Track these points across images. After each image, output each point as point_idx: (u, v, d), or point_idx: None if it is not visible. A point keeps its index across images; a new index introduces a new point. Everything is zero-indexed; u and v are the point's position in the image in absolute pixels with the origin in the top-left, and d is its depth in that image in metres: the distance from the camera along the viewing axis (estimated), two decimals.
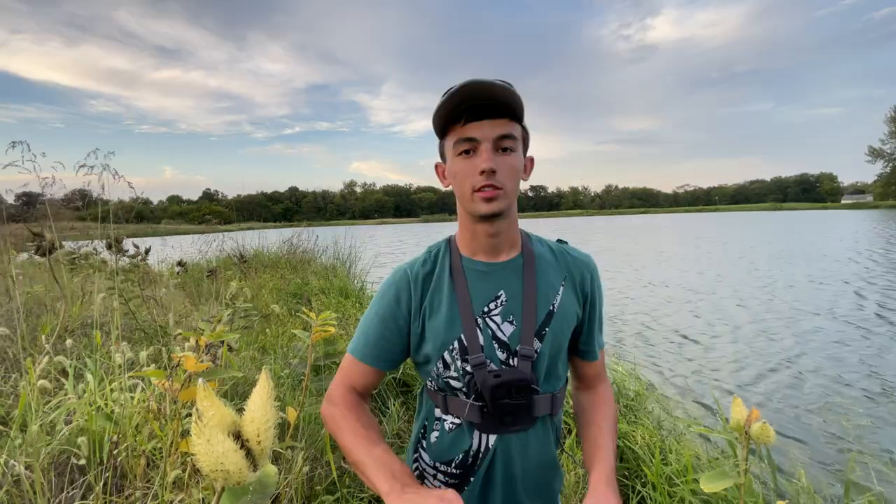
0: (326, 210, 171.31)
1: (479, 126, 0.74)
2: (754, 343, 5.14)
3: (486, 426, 0.79)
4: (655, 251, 15.44)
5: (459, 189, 0.78)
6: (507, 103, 0.73)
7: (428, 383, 0.86)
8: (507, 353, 0.79)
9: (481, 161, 0.73)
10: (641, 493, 1.99)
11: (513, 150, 0.76)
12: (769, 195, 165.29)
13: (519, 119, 0.77)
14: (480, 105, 0.73)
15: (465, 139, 0.75)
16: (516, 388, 0.75)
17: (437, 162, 0.86)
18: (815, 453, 2.88)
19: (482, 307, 0.80)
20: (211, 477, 0.34)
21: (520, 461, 0.81)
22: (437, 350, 0.80)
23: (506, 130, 0.74)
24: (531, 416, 0.79)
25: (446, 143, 0.80)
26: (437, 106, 0.75)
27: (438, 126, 0.79)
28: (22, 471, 1.17)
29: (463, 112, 0.74)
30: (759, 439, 0.72)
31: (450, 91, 0.73)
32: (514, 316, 0.80)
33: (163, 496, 1.14)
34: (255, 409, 0.38)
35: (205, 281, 4.94)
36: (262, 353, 3.09)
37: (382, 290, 0.87)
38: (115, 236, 2.70)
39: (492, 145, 0.74)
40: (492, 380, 0.75)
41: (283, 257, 7.99)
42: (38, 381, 1.40)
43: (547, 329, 0.80)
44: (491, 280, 0.82)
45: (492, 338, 0.79)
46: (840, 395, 3.69)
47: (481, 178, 0.74)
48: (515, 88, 0.77)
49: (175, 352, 1.21)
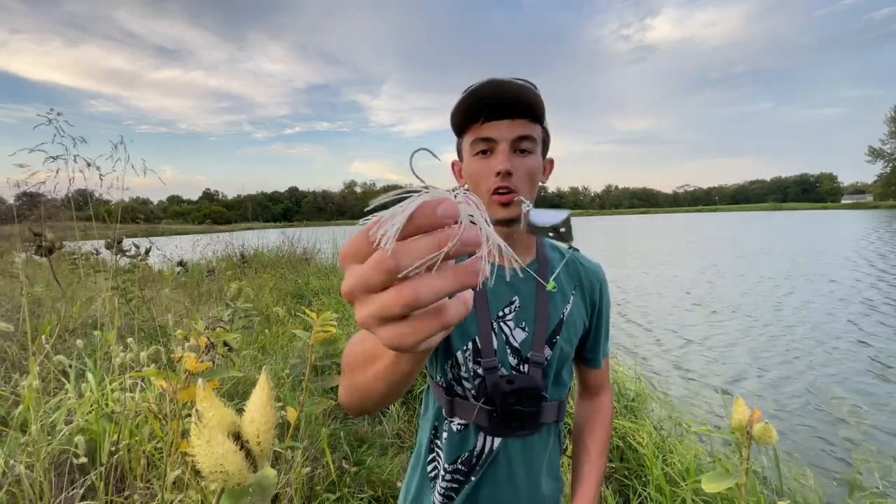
0: (326, 210, 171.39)
1: (497, 126, 0.72)
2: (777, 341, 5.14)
3: (492, 429, 0.79)
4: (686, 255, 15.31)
5: (475, 190, 0.77)
6: (527, 103, 0.71)
7: (436, 380, 0.85)
8: (518, 360, 0.78)
9: (497, 162, 0.72)
10: (643, 495, 1.98)
11: (531, 152, 0.74)
12: (769, 195, 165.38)
13: (540, 120, 0.75)
14: (500, 104, 0.71)
15: (483, 139, 0.73)
16: (528, 396, 0.75)
17: (453, 160, 0.85)
18: (824, 454, 2.88)
19: (497, 311, 0.80)
20: (210, 478, 0.34)
21: (522, 464, 0.81)
22: (451, 349, 0.80)
23: (524, 131, 0.73)
24: (538, 422, 0.79)
25: (464, 142, 0.78)
26: (456, 103, 0.73)
27: (456, 124, 0.77)
28: (23, 470, 1.17)
29: (482, 110, 0.73)
30: (762, 440, 0.72)
31: (470, 88, 0.71)
32: (527, 322, 0.79)
33: (163, 496, 1.14)
34: (255, 410, 0.38)
35: (205, 281, 4.95)
36: (263, 353, 3.09)
37: None
38: (115, 237, 2.70)
39: (509, 146, 0.72)
40: (505, 385, 0.75)
41: (283, 257, 7.99)
42: (38, 381, 1.40)
43: (558, 337, 0.79)
44: (506, 284, 0.82)
45: (505, 343, 0.79)
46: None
47: (497, 180, 0.72)
48: (537, 88, 0.75)
49: (175, 352, 1.21)
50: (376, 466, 2.13)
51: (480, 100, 0.72)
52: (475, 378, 0.79)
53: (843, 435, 3.05)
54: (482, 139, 0.74)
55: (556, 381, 0.82)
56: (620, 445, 2.32)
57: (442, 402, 0.84)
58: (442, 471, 0.85)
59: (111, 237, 2.68)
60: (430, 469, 0.88)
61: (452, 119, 0.77)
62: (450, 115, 0.76)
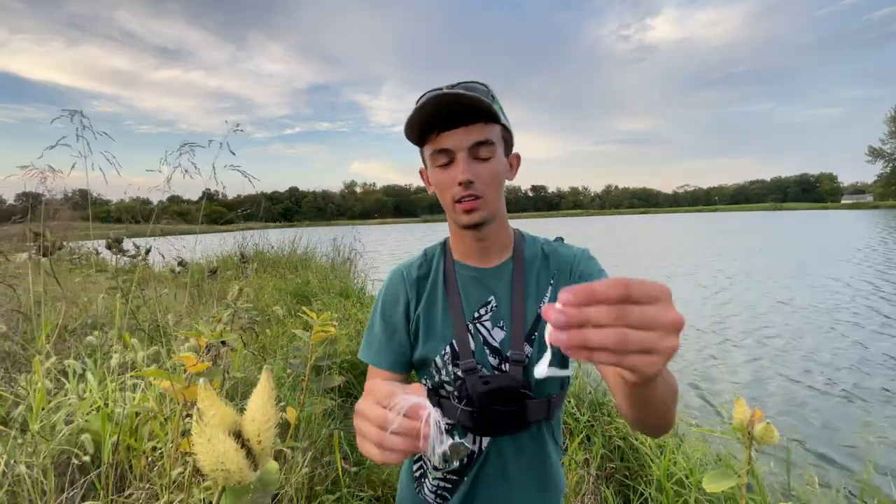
0: (326, 210, 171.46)
1: (452, 135, 0.72)
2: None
3: (478, 429, 0.79)
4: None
5: (441, 199, 0.78)
6: (478, 108, 0.70)
7: (424, 383, 0.86)
8: (499, 359, 0.79)
9: (458, 172, 0.72)
10: (644, 494, 1.98)
11: (491, 156, 0.74)
12: (769, 195, 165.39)
13: (496, 119, 0.74)
14: (451, 114, 0.71)
15: (440, 150, 0.73)
16: (506, 395, 0.75)
17: (420, 168, 0.85)
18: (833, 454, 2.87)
19: (473, 313, 0.81)
20: (212, 476, 0.34)
21: (514, 464, 0.81)
22: (430, 354, 0.81)
23: (481, 136, 0.72)
24: (525, 420, 0.78)
25: (424, 153, 0.79)
26: (407, 118, 0.73)
27: (414, 137, 0.77)
28: (24, 470, 1.17)
29: (435, 123, 0.73)
30: (763, 440, 0.72)
31: (419, 102, 0.71)
32: (504, 321, 0.80)
33: (163, 496, 1.14)
34: (256, 409, 0.38)
35: (205, 281, 4.94)
36: (263, 353, 3.09)
37: (382, 293, 0.88)
38: (113, 237, 2.70)
39: (468, 154, 0.72)
40: (481, 386, 0.75)
41: (283, 257, 7.99)
42: (41, 381, 1.40)
43: (537, 333, 0.79)
44: (482, 285, 0.82)
45: (483, 343, 0.79)
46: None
47: (459, 189, 0.73)
48: (490, 87, 0.75)
49: (175, 352, 1.21)
50: (376, 466, 2.13)
51: (431, 114, 0.71)
52: (456, 380, 0.79)
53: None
54: (440, 151, 0.73)
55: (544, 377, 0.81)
56: (621, 445, 2.32)
57: (432, 403, 0.85)
58: (430, 471, 0.86)
59: (111, 236, 2.68)
60: (416, 469, 0.90)
61: (408, 133, 0.76)
62: (404, 130, 0.75)
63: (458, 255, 0.85)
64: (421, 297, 0.85)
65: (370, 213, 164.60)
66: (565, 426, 2.45)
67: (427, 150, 0.77)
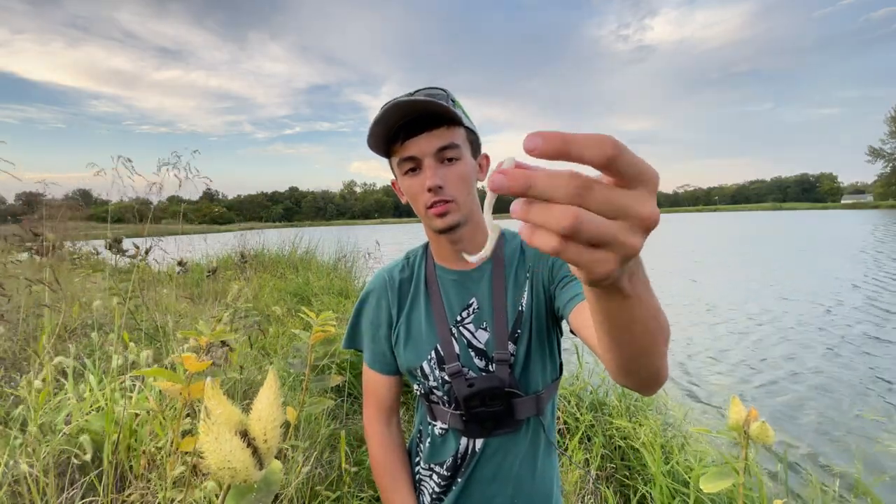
0: (326, 210, 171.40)
1: (416, 142, 0.72)
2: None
3: (469, 431, 0.80)
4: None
5: (415, 207, 0.78)
6: (437, 113, 0.71)
7: (417, 389, 0.88)
8: (485, 360, 0.79)
9: (426, 178, 0.72)
10: (644, 494, 1.99)
11: (458, 158, 0.74)
12: (769, 195, 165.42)
13: (458, 122, 0.74)
14: (412, 121, 0.71)
15: (406, 158, 0.74)
16: (491, 395, 0.76)
17: (392, 179, 0.84)
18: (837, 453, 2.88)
19: (456, 316, 0.81)
20: (218, 474, 0.35)
21: (507, 463, 0.81)
22: (417, 359, 0.82)
23: (445, 141, 0.72)
24: (514, 419, 0.79)
25: (392, 163, 0.79)
26: (368, 131, 0.73)
27: (381, 149, 0.77)
28: (25, 469, 1.17)
29: (399, 132, 0.73)
30: (759, 439, 0.72)
31: (376, 117, 0.71)
32: (487, 322, 0.80)
33: (164, 496, 1.15)
34: (262, 408, 0.38)
35: (205, 281, 4.95)
36: (263, 353, 3.09)
37: (365, 296, 0.90)
38: (112, 237, 2.70)
39: (434, 159, 0.72)
40: (465, 389, 0.76)
41: (283, 257, 7.99)
42: (40, 381, 1.40)
43: (520, 330, 0.79)
44: (463, 288, 0.83)
45: (467, 346, 0.80)
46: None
47: (430, 196, 0.73)
48: (448, 92, 0.75)
49: (175, 352, 1.21)
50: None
51: (392, 123, 0.72)
52: (444, 384, 0.80)
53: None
54: (406, 159, 0.74)
55: (532, 374, 0.80)
56: (621, 445, 2.33)
57: (424, 408, 0.87)
58: (423, 474, 0.88)
59: (109, 237, 2.68)
60: (414, 473, 0.91)
61: (373, 145, 0.75)
62: (367, 143, 0.75)
63: (439, 258, 0.86)
64: (404, 302, 0.86)
65: (370, 213, 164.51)
66: (565, 426, 2.45)
67: (394, 160, 0.77)
